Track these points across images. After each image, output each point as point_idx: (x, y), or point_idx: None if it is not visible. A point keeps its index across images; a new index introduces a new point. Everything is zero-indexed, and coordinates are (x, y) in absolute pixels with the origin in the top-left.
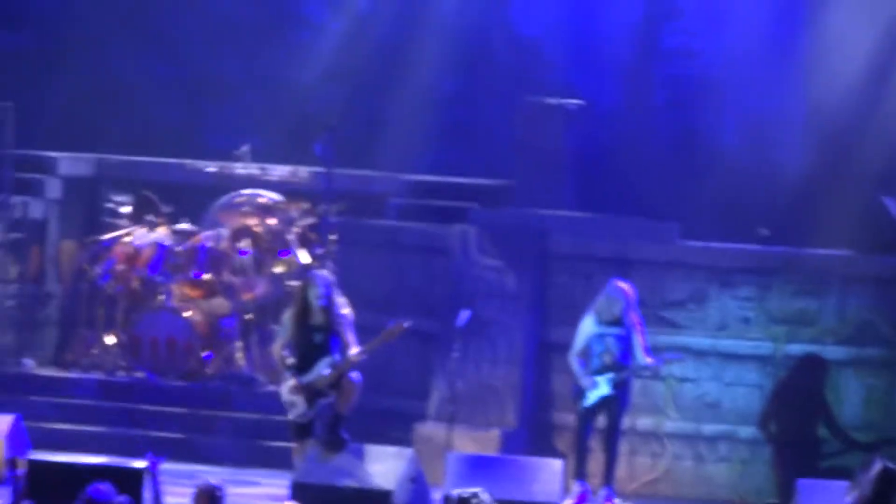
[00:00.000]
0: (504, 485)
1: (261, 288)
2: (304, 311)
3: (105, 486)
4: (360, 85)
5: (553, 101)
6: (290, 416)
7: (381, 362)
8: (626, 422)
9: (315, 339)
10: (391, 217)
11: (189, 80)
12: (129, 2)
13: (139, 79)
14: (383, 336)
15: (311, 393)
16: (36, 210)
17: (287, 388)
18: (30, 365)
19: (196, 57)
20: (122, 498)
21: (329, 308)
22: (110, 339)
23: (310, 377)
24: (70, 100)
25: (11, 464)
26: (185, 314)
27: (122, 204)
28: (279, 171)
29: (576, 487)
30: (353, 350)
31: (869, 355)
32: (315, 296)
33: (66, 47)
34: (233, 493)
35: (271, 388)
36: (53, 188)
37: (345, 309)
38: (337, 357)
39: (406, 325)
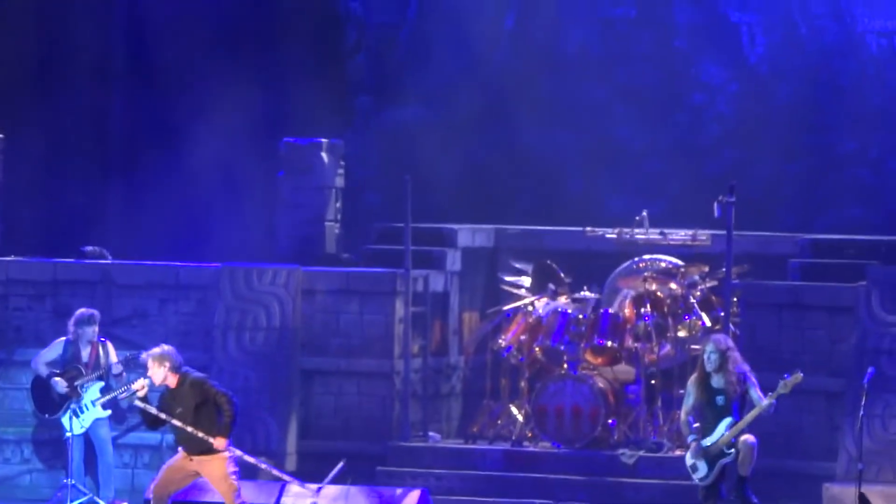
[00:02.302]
0: None
1: (664, 353)
2: (706, 374)
3: None
4: (758, 146)
5: None
6: (695, 480)
7: (787, 424)
8: None
9: (717, 402)
10: (793, 277)
11: (588, 147)
12: (526, 72)
13: (537, 148)
14: (782, 387)
15: (713, 455)
16: (437, 283)
17: (690, 451)
18: (436, 438)
19: (595, 123)
20: None
21: (727, 368)
22: (515, 410)
23: (712, 439)
24: (467, 171)
25: None
26: (590, 382)
27: (523, 273)
28: (679, 235)
29: None
30: (762, 401)
31: None
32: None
33: (460, 119)
34: None
35: (678, 453)
36: (453, 260)
37: (745, 367)
38: (737, 417)
39: (801, 374)
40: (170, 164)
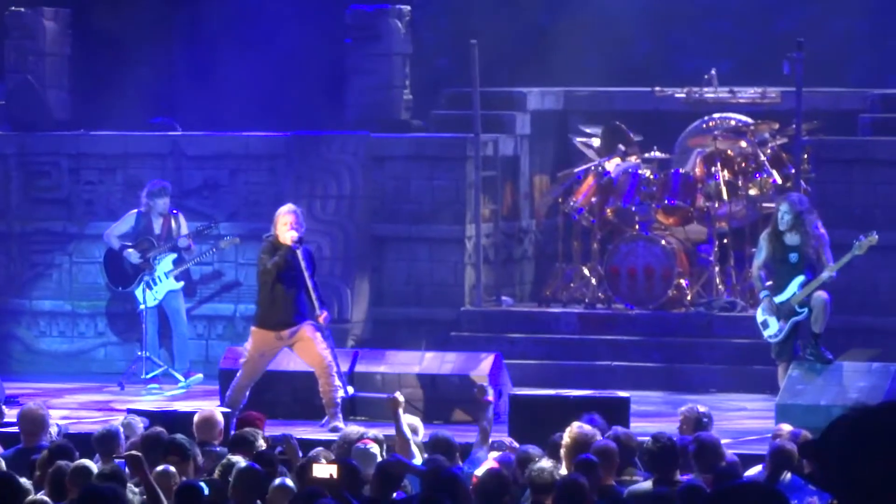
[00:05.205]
0: None
1: (735, 211)
2: (778, 232)
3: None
4: (828, 2)
5: None
6: (766, 337)
7: (861, 280)
8: None
9: (790, 259)
10: (863, 133)
11: (654, 7)
12: None
13: (603, 8)
14: (857, 248)
15: (786, 313)
16: (506, 147)
17: (762, 308)
18: (509, 302)
19: None
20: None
21: (803, 228)
22: (587, 272)
23: (784, 297)
24: (533, 34)
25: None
26: (662, 242)
27: (593, 135)
28: (748, 94)
29: None
30: (827, 267)
31: None
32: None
33: None
34: (718, 418)
35: (751, 311)
36: (523, 124)
37: (822, 230)
38: (810, 275)
39: (876, 236)
40: (235, 33)
